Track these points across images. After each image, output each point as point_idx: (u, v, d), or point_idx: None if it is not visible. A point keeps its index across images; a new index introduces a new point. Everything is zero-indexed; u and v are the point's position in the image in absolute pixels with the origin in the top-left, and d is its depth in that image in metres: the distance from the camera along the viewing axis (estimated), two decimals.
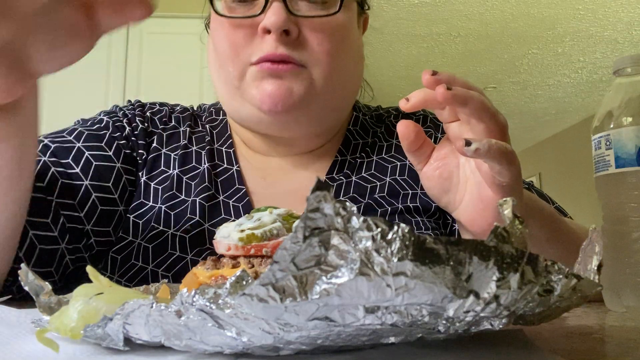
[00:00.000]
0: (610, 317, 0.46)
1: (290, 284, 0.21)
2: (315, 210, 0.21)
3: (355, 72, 0.66)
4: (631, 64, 0.51)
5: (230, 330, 0.23)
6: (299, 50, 0.58)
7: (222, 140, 0.70)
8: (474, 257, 0.22)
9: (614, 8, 3.34)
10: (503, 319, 0.25)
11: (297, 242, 0.21)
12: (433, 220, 0.65)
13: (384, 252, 0.21)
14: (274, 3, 0.57)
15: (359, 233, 0.21)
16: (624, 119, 0.49)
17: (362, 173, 0.68)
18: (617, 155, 0.49)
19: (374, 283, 0.21)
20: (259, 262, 0.34)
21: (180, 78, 2.84)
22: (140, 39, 2.91)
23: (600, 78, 4.45)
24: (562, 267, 0.25)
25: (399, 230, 0.21)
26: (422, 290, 0.21)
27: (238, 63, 0.59)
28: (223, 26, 0.60)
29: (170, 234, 0.61)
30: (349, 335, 0.24)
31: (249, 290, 0.21)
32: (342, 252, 0.21)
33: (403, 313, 0.22)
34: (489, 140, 0.40)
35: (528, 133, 6.07)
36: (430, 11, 3.44)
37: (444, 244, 0.21)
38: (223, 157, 0.68)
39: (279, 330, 0.22)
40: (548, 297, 0.25)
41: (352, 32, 0.64)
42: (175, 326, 0.24)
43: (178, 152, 0.68)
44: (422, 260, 0.21)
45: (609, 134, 0.50)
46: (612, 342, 0.33)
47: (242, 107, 0.62)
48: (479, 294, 0.23)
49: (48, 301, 0.31)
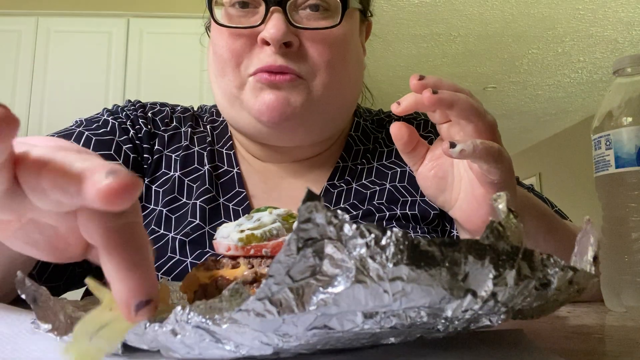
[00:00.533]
0: (610, 317, 0.46)
1: (287, 296, 0.21)
2: (307, 220, 0.21)
3: (355, 80, 0.66)
4: (631, 64, 0.51)
5: (229, 344, 0.23)
6: (298, 62, 0.58)
7: (222, 142, 0.70)
8: (469, 256, 0.22)
9: (614, 8, 3.34)
10: (502, 315, 0.25)
11: (290, 255, 0.20)
12: (431, 227, 0.65)
13: (379, 258, 0.21)
14: (274, 14, 0.56)
15: (353, 240, 0.21)
16: (624, 119, 0.49)
17: (362, 180, 0.68)
18: (617, 155, 0.49)
19: (370, 290, 0.21)
20: (259, 262, 0.34)
21: (180, 78, 2.83)
22: (140, 39, 2.91)
23: (600, 78, 4.45)
24: (558, 260, 0.25)
25: (393, 235, 0.21)
26: (419, 294, 0.21)
27: (237, 73, 0.59)
28: (223, 35, 0.59)
29: (171, 237, 0.61)
30: (349, 340, 0.24)
31: (245, 306, 0.21)
32: (336, 260, 0.21)
33: (402, 316, 0.22)
34: (473, 141, 0.40)
35: (528, 133, 6.07)
36: (430, 11, 3.43)
37: (438, 245, 0.21)
38: (224, 159, 0.68)
39: (277, 341, 0.22)
40: (545, 291, 0.25)
41: (352, 42, 0.63)
42: (172, 343, 0.24)
43: (180, 153, 0.67)
44: (418, 264, 0.21)
45: (609, 134, 0.50)
46: (612, 342, 0.33)
47: (240, 116, 0.62)
48: (476, 293, 0.23)
49: (46, 306, 0.30)
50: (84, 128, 0.64)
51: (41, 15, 2.93)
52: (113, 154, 0.63)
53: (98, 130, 0.64)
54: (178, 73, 2.84)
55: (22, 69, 2.84)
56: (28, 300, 0.30)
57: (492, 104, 5.06)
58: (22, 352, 0.26)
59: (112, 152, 0.63)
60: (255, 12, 0.58)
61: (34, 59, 2.86)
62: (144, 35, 2.91)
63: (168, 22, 2.91)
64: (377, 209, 0.65)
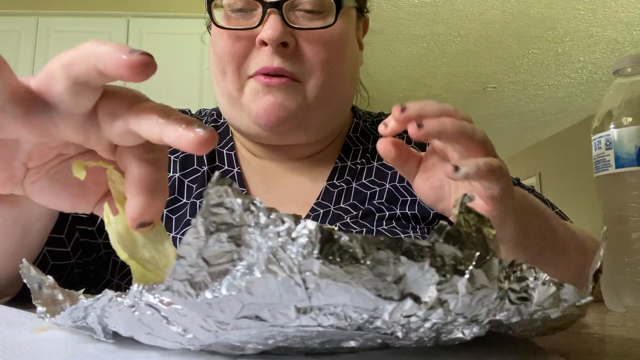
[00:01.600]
0: (610, 317, 0.46)
1: (207, 280, 0.21)
2: (218, 205, 0.20)
3: (352, 77, 0.67)
4: (631, 64, 0.51)
5: (177, 327, 0.23)
6: (295, 62, 0.60)
7: (223, 143, 0.71)
8: (402, 257, 0.21)
9: (614, 8, 3.34)
10: (473, 327, 0.24)
11: (199, 237, 0.20)
12: (432, 227, 0.65)
13: (290, 249, 0.20)
14: (271, 15, 0.58)
15: (267, 229, 0.20)
16: (624, 119, 0.49)
17: (362, 179, 0.69)
18: (617, 155, 0.49)
19: (282, 281, 0.20)
20: None
21: (181, 78, 2.84)
22: (140, 39, 2.91)
23: (600, 78, 4.45)
24: (540, 274, 0.23)
25: (306, 226, 0.20)
26: (336, 291, 0.20)
27: (237, 75, 0.61)
28: (222, 36, 0.61)
29: (171, 237, 0.61)
30: (297, 337, 0.23)
31: (168, 285, 0.21)
32: (252, 248, 0.20)
33: (340, 315, 0.22)
34: (476, 162, 0.40)
35: (528, 133, 6.07)
36: (430, 11, 3.43)
37: (359, 241, 0.20)
38: (224, 159, 0.69)
39: (216, 328, 0.22)
40: (525, 306, 0.23)
41: (348, 40, 0.64)
42: (135, 321, 0.24)
43: (179, 155, 0.68)
44: (331, 259, 0.20)
45: (609, 134, 0.50)
46: (612, 342, 0.33)
47: (240, 118, 0.64)
48: (419, 298, 0.21)
49: (51, 294, 0.31)
50: None
51: (41, 15, 2.93)
52: None
53: None
54: (178, 73, 2.84)
55: (22, 69, 2.84)
56: (31, 286, 0.31)
57: (492, 104, 5.07)
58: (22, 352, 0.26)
59: None
60: (252, 15, 0.60)
61: (34, 59, 2.86)
62: (144, 35, 2.92)
63: (168, 22, 2.91)
64: (377, 209, 0.65)
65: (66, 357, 0.25)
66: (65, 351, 0.26)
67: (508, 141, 6.30)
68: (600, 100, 0.79)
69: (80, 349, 0.27)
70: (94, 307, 0.25)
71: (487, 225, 0.24)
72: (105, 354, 0.25)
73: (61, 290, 0.31)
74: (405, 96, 4.61)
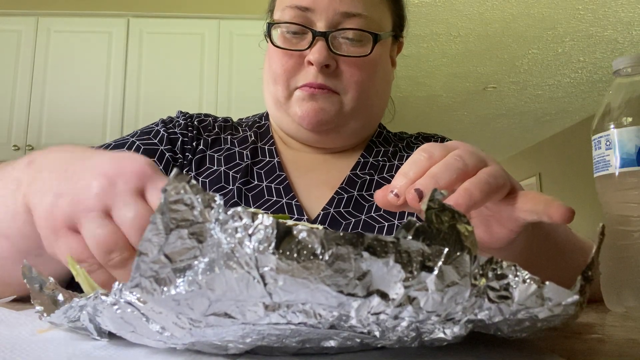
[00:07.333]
0: (610, 317, 0.46)
1: (171, 277, 0.21)
2: (177, 202, 0.20)
3: (383, 94, 0.78)
4: (631, 64, 0.51)
5: (155, 324, 0.23)
6: (334, 80, 0.72)
7: (264, 140, 0.82)
8: (364, 252, 0.20)
9: (614, 8, 3.34)
10: (453, 327, 0.23)
11: (158, 234, 0.20)
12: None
13: (247, 244, 0.20)
14: (318, 42, 0.70)
15: (227, 225, 0.20)
16: (624, 119, 0.49)
17: (383, 173, 0.78)
18: (617, 155, 0.49)
19: (240, 277, 0.20)
20: None
21: (180, 78, 2.84)
22: (140, 39, 2.91)
23: (600, 78, 4.45)
24: (521, 271, 0.22)
25: (262, 222, 0.20)
26: (295, 287, 0.20)
27: (287, 86, 0.73)
28: (278, 53, 0.73)
29: None
30: (273, 336, 0.23)
31: (134, 281, 0.21)
32: (212, 245, 0.20)
33: (309, 312, 0.21)
34: (546, 206, 0.39)
35: (528, 133, 6.07)
36: (430, 11, 3.44)
37: (318, 237, 0.20)
38: (265, 153, 0.80)
39: (189, 326, 0.22)
40: (506, 305, 0.22)
41: (381, 64, 0.76)
42: (118, 319, 0.24)
43: (222, 153, 0.78)
44: (288, 255, 0.20)
45: (609, 134, 0.50)
46: (612, 342, 0.33)
47: (285, 120, 0.76)
48: (387, 295, 0.21)
49: (52, 294, 0.31)
50: (136, 138, 0.78)
51: (41, 15, 2.93)
52: (156, 160, 0.75)
53: (148, 140, 0.78)
54: (178, 73, 2.84)
55: (22, 69, 2.84)
56: (31, 287, 0.31)
57: (492, 104, 5.07)
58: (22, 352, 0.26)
59: (155, 158, 0.75)
60: (304, 38, 0.72)
61: (34, 59, 2.86)
62: (144, 35, 2.91)
63: (168, 22, 2.91)
64: None
65: (66, 357, 0.25)
66: (65, 351, 0.26)
67: (508, 141, 6.30)
68: (600, 100, 0.79)
69: (80, 349, 0.27)
70: (87, 305, 0.25)
71: (462, 221, 0.24)
72: (105, 353, 0.25)
73: (62, 291, 0.31)
74: (405, 96, 4.61)
